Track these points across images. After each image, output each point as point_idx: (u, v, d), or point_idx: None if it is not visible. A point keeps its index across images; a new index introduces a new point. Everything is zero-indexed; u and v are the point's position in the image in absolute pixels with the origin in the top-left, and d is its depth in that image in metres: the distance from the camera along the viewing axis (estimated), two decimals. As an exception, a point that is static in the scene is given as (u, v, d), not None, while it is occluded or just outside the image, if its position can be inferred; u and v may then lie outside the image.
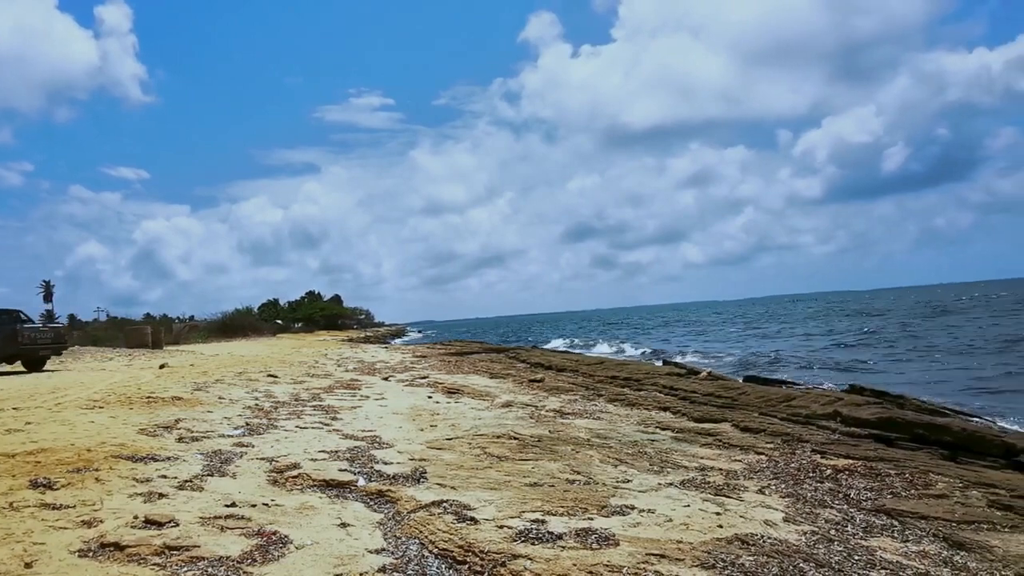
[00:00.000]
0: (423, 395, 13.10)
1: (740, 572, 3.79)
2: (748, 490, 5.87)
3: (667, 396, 12.35)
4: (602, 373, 16.71)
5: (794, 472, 6.54)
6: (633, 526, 4.67)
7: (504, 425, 9.01)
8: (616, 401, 12.22)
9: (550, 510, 4.98)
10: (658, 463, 6.93)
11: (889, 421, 8.41)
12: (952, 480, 6.16)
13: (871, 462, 6.89)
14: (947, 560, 4.26)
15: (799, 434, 8.34)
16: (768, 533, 4.57)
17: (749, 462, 7.05)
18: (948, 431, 7.90)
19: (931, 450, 7.54)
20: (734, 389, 12.04)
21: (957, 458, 7.26)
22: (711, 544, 4.29)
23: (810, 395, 10.70)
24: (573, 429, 8.95)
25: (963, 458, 7.25)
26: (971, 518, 5.09)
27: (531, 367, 20.92)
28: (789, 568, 3.87)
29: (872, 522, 5.04)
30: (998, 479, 6.17)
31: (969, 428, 8.05)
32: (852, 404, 9.48)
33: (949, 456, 7.32)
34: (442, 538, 4.33)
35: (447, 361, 24.98)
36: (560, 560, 3.93)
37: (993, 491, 5.77)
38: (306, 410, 10.37)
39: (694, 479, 6.20)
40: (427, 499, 5.26)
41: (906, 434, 8.08)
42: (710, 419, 9.73)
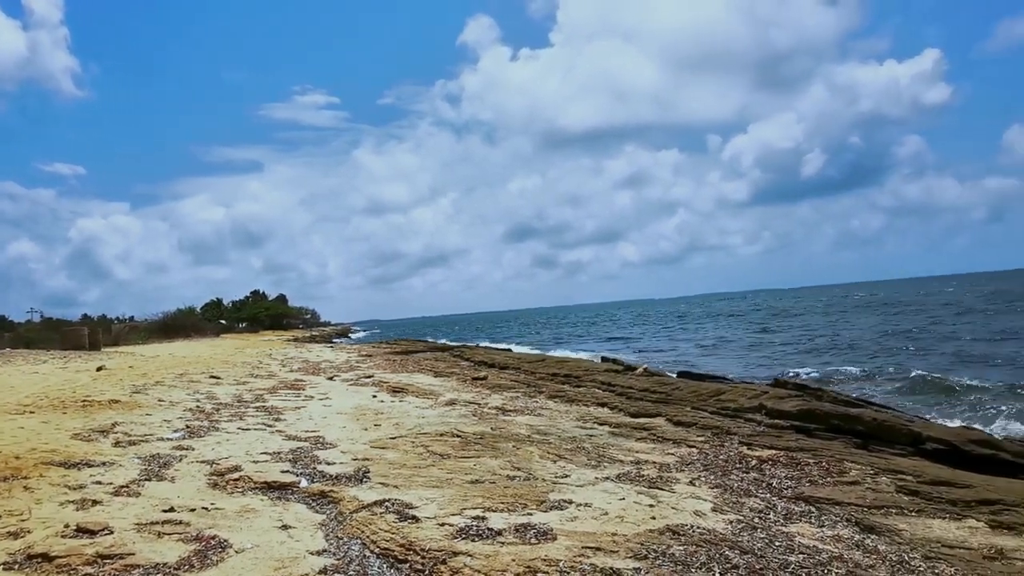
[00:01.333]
0: (368, 394, 12.94)
1: (670, 562, 3.87)
2: (680, 482, 5.99)
3: (605, 392, 12.50)
4: (543, 370, 16.82)
5: (722, 464, 6.71)
6: (571, 520, 4.72)
7: (447, 423, 8.98)
8: (556, 398, 12.32)
9: (491, 506, 4.99)
10: (596, 458, 7.01)
11: (808, 413, 8.71)
12: (864, 467, 6.42)
13: (792, 452, 7.13)
14: (859, 544, 4.43)
15: (727, 427, 8.57)
16: (697, 523, 4.68)
17: (681, 455, 7.20)
18: (861, 421, 8.24)
19: (846, 439, 7.85)
20: (668, 384, 12.28)
21: (869, 446, 7.58)
22: (644, 535, 4.37)
23: (738, 389, 11.00)
24: (514, 426, 8.98)
25: (874, 446, 7.57)
26: (881, 503, 5.32)
27: (475, 365, 20.90)
28: (716, 556, 3.98)
29: (792, 509, 5.21)
30: (906, 466, 6.46)
31: (880, 418, 8.40)
32: (776, 397, 9.77)
33: (862, 445, 7.63)
34: (384, 537, 4.29)
35: (392, 360, 24.74)
36: (499, 556, 3.94)
37: (901, 477, 6.04)
38: (249, 411, 10.12)
39: (629, 473, 6.29)
40: (369, 499, 5.20)
41: (824, 425, 8.38)
42: (645, 414, 9.90)
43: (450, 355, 26.08)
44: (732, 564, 3.85)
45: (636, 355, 31.00)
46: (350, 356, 28.22)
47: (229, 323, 76.85)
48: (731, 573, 3.73)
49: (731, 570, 3.77)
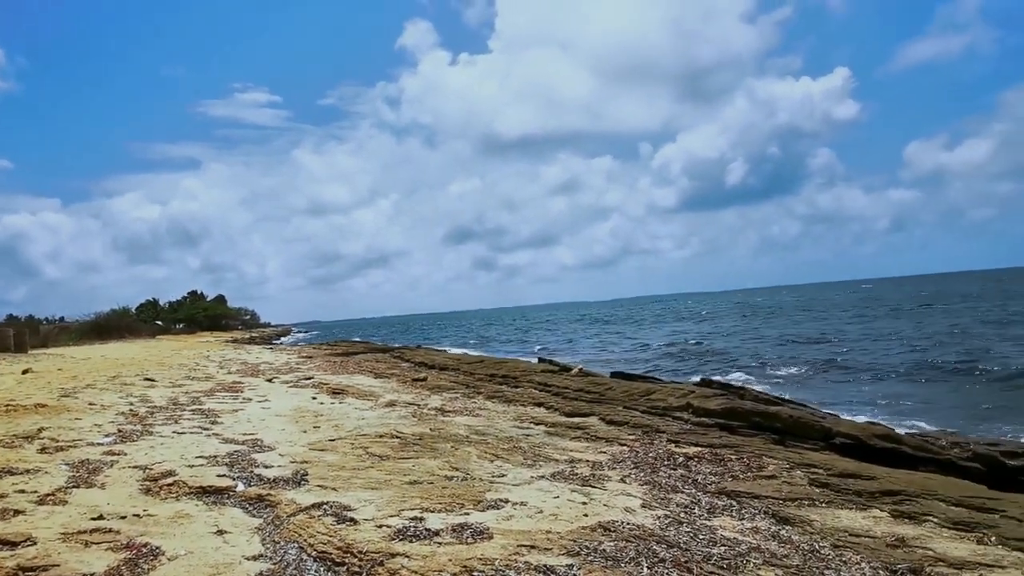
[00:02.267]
0: (307, 396, 12.67)
1: (602, 558, 3.93)
2: (611, 479, 6.09)
3: (542, 392, 12.59)
4: (482, 371, 16.82)
5: (652, 461, 6.85)
6: (507, 519, 4.73)
7: (387, 424, 8.89)
8: (494, 398, 12.34)
9: (429, 507, 4.96)
10: (532, 457, 7.06)
11: (732, 411, 8.99)
12: (781, 462, 6.67)
13: (716, 449, 7.34)
14: (775, 535, 4.60)
15: (657, 425, 8.76)
16: (627, 519, 4.76)
17: (613, 453, 7.32)
18: (779, 418, 8.55)
19: (765, 436, 8.13)
20: (602, 385, 12.46)
21: (786, 442, 7.87)
22: (577, 532, 4.43)
23: (667, 389, 11.26)
24: (453, 426, 8.95)
25: (791, 442, 7.88)
26: (795, 496, 5.53)
27: (415, 366, 20.73)
28: (644, 550, 4.06)
29: (715, 503, 5.37)
30: (818, 460, 6.74)
31: (796, 415, 8.74)
32: (702, 396, 10.04)
33: (779, 441, 7.92)
34: (321, 540, 4.22)
35: (332, 361, 24.30)
36: (436, 556, 3.92)
37: (814, 471, 6.30)
38: (185, 414, 9.77)
39: (564, 471, 6.35)
40: (307, 501, 5.10)
41: (745, 422, 8.66)
42: (580, 413, 10.02)
43: (391, 356, 25.80)
44: (659, 558, 3.94)
45: (572, 355, 31.35)
46: (290, 357, 27.58)
47: (166, 324, 73.91)
48: (658, 567, 3.81)
49: (658, 563, 3.85)
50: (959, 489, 5.85)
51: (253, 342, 54.74)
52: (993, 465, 7.76)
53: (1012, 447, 8.39)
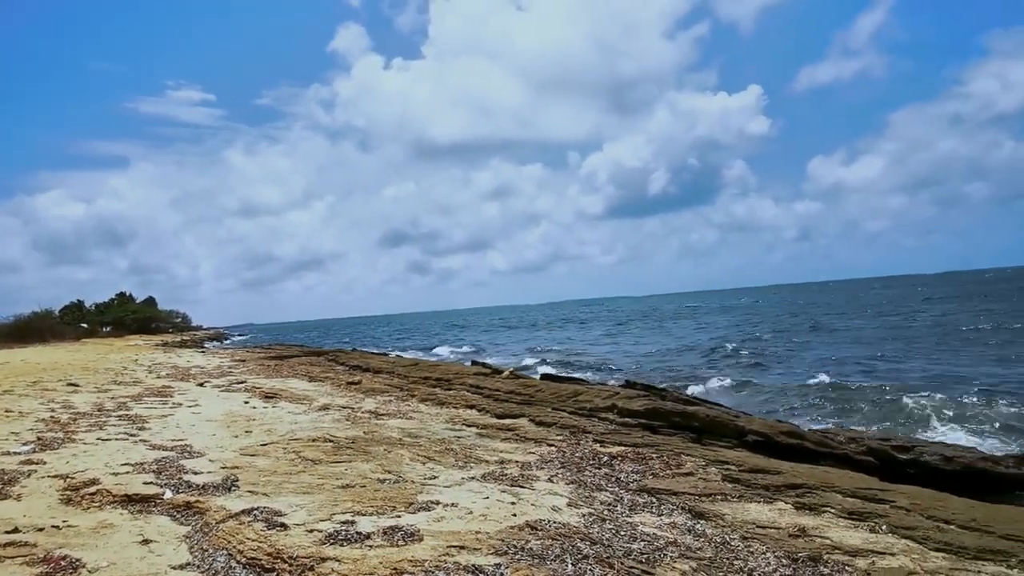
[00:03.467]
0: (239, 400, 12.26)
1: (528, 556, 3.97)
2: (539, 479, 6.14)
3: (474, 394, 12.57)
4: (416, 374, 16.66)
5: (578, 461, 6.94)
6: (437, 520, 4.71)
7: (320, 428, 8.70)
8: (428, 401, 12.24)
9: (360, 510, 4.89)
10: (463, 458, 7.04)
11: (654, 411, 9.20)
12: (697, 460, 6.87)
13: (639, 448, 7.50)
14: (690, 529, 4.75)
15: (584, 426, 8.87)
16: (554, 518, 4.82)
17: (542, 453, 7.38)
18: (697, 418, 8.81)
19: (684, 435, 8.37)
20: (532, 387, 12.54)
21: (703, 440, 8.12)
22: (505, 532, 4.45)
23: (594, 390, 11.43)
24: (386, 429, 8.83)
25: (707, 440, 8.12)
26: (710, 491, 5.71)
27: (350, 370, 20.34)
28: (569, 548, 4.12)
29: (636, 500, 5.49)
30: (731, 457, 6.98)
31: (712, 415, 9.03)
32: (626, 397, 10.23)
33: (697, 439, 8.16)
34: (251, 547, 4.09)
35: (266, 365, 23.56)
36: (367, 559, 3.87)
37: (727, 467, 6.51)
38: (110, 420, 9.29)
39: (494, 472, 6.37)
40: (237, 507, 4.94)
41: (666, 422, 8.88)
42: (510, 415, 10.05)
43: (325, 359, 25.19)
44: (583, 555, 4.00)
45: (504, 358, 31.47)
46: (222, 361, 26.58)
47: (92, 327, 69.91)
48: (582, 563, 3.88)
49: (582, 560, 3.92)
50: (854, 481, 6.15)
51: (184, 345, 52.40)
52: (885, 459, 8.22)
53: (902, 442, 8.90)
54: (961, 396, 15.83)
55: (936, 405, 14.58)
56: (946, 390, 16.87)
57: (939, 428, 12.73)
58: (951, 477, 7.98)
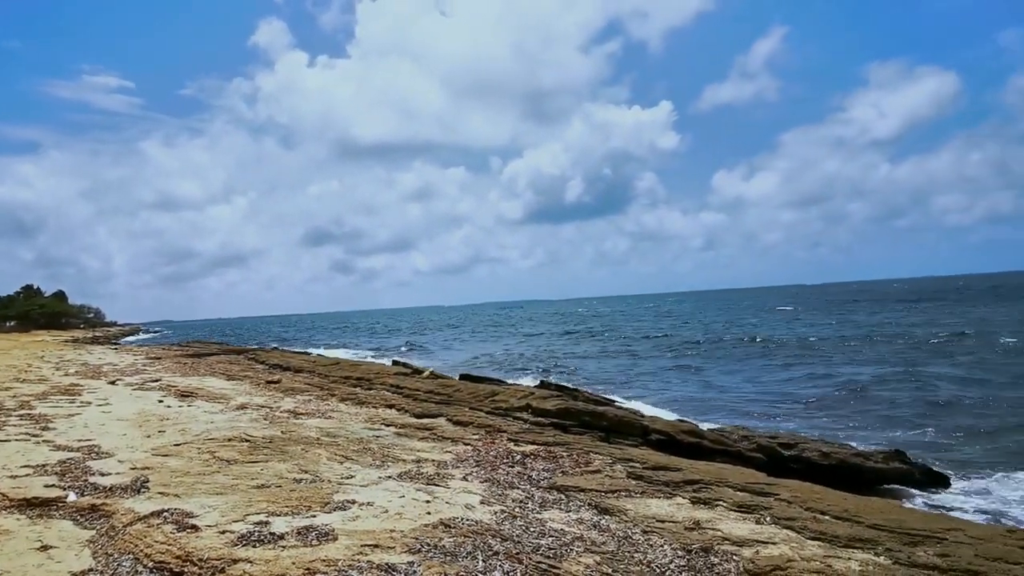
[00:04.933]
0: (153, 399, 11.60)
1: (441, 553, 3.95)
2: (455, 478, 6.12)
3: (394, 394, 12.41)
4: (337, 373, 16.28)
5: (492, 459, 6.95)
6: (353, 520, 4.62)
7: (237, 428, 8.36)
8: (348, 400, 11.98)
9: (275, 511, 4.74)
10: (381, 458, 6.94)
11: (565, 411, 9.35)
12: (605, 458, 7.02)
13: (551, 446, 7.59)
14: (596, 524, 4.85)
15: (499, 425, 8.91)
16: (467, 515, 4.81)
17: (458, 452, 7.36)
18: (606, 417, 9.02)
19: (593, 433, 8.54)
20: (451, 387, 12.49)
21: (611, 439, 8.31)
22: (419, 530, 4.41)
23: (510, 391, 11.49)
24: (305, 429, 8.58)
25: (615, 439, 8.33)
26: (615, 488, 5.85)
27: (270, 368, 19.64)
28: (480, 545, 4.13)
29: (547, 497, 5.55)
30: (636, 455, 7.18)
31: (619, 415, 9.27)
32: (540, 397, 10.35)
33: (605, 438, 8.35)
34: (159, 550, 3.89)
35: (183, 363, 22.39)
36: (280, 560, 3.75)
37: (632, 465, 6.69)
38: (11, 420, 8.59)
39: (411, 471, 6.30)
40: (146, 510, 4.67)
41: (577, 421, 9.05)
42: (429, 415, 9.98)
43: (245, 358, 24.23)
44: (494, 551, 4.02)
45: (424, 358, 31.20)
46: (136, 359, 25.08)
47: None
48: (492, 559, 3.89)
49: (492, 556, 3.94)
50: (745, 477, 6.45)
51: (96, 342, 49.15)
52: (772, 455, 8.69)
53: (787, 439, 9.42)
54: (835, 394, 16.97)
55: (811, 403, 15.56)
56: (821, 390, 18.06)
57: (814, 424, 13.55)
58: (828, 471, 8.52)
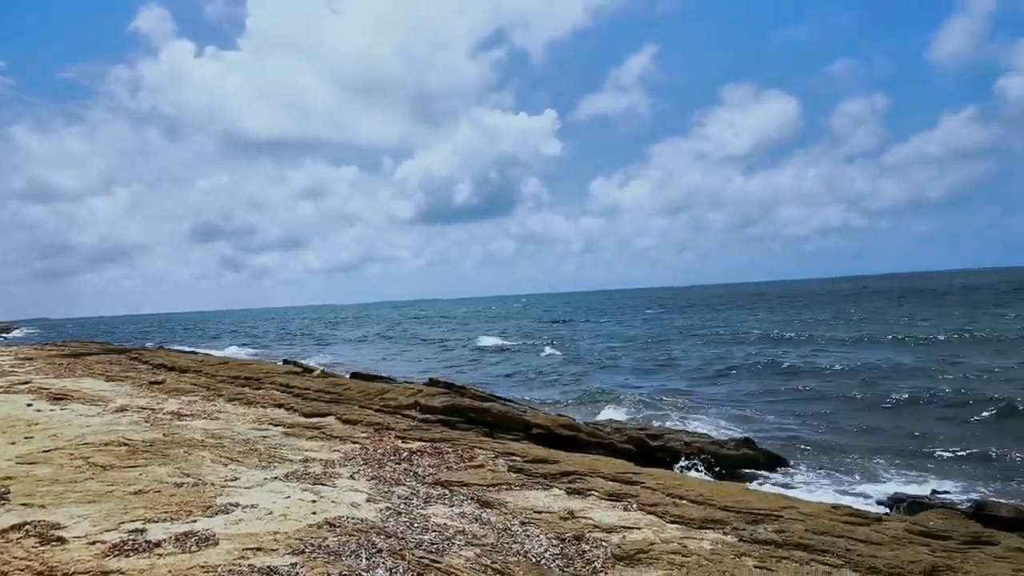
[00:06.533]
0: (21, 403, 10.36)
1: (324, 553, 3.84)
2: (342, 477, 5.96)
3: (283, 394, 11.86)
4: (225, 373, 15.31)
5: (379, 457, 6.83)
6: (235, 523, 4.40)
7: (115, 431, 7.68)
8: (235, 400, 11.31)
9: (152, 517, 4.41)
10: (267, 459, 6.63)
11: (452, 408, 9.36)
12: (488, 452, 7.09)
13: (437, 443, 7.57)
14: (477, 518, 4.89)
15: (388, 423, 8.76)
16: (352, 514, 4.71)
17: (346, 451, 7.17)
18: (490, 413, 9.12)
19: (479, 429, 8.61)
20: (341, 385, 12.12)
21: (495, 434, 8.42)
22: (304, 531, 4.27)
23: (399, 388, 11.33)
24: (189, 431, 8.03)
25: (499, 434, 8.44)
26: (497, 481, 5.92)
27: (153, 368, 18.10)
28: (364, 543, 4.05)
29: (431, 493, 5.53)
30: (518, 449, 7.32)
31: (503, 410, 9.41)
32: (428, 395, 10.28)
33: (489, 433, 8.45)
34: (18, 567, 3.50)
35: (58, 363, 20.11)
36: (155, 569, 3.51)
37: (513, 458, 6.80)
38: None
39: (297, 471, 6.07)
40: (6, 523, 4.20)
41: (463, 417, 9.08)
42: (318, 414, 9.63)
43: (127, 358, 22.15)
44: (377, 548, 3.96)
45: (317, 357, 30.11)
46: (4, 359, 22.33)
47: None
48: (376, 557, 3.83)
49: (376, 554, 3.88)
50: (616, 467, 6.75)
51: (-50, 338, 43.25)
52: (641, 446, 9.16)
53: (655, 431, 9.97)
54: (695, 389, 18.17)
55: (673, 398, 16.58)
56: (684, 384, 19.28)
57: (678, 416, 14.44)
58: (690, 459, 9.10)
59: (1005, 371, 17.85)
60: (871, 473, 9.89)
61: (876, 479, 9.57)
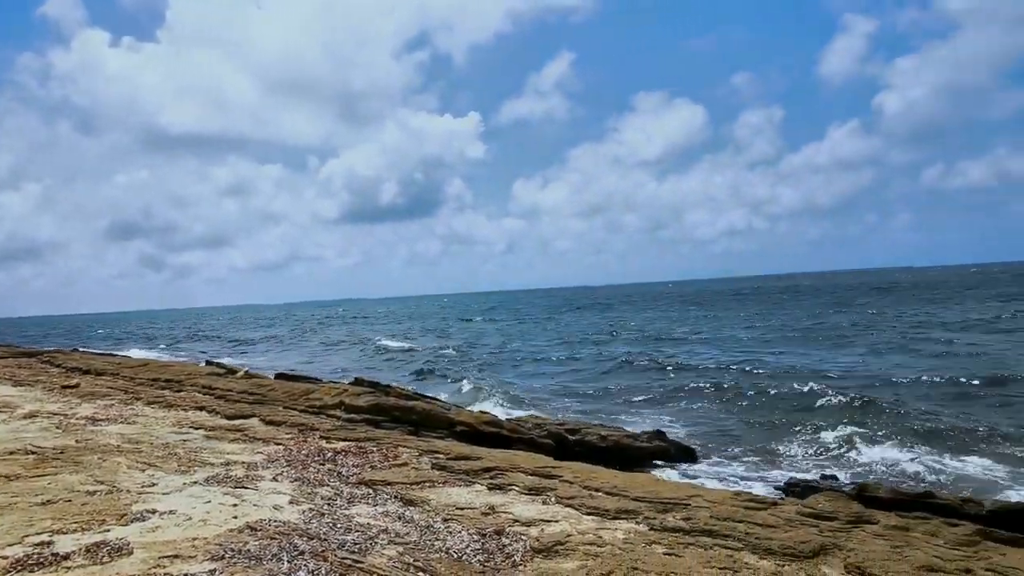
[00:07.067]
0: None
1: (245, 558, 3.78)
2: (264, 479, 5.83)
3: (205, 396, 11.38)
4: (144, 375, 14.49)
5: (303, 458, 6.70)
6: (152, 531, 4.25)
7: (22, 439, 7.17)
8: (155, 403, 10.76)
9: (61, 528, 4.19)
10: (187, 463, 6.39)
11: (377, 407, 9.28)
12: (412, 451, 7.09)
13: (361, 442, 7.49)
14: (400, 516, 4.90)
15: (313, 423, 8.59)
16: (275, 516, 4.64)
17: (269, 453, 6.99)
18: (415, 412, 9.11)
19: (404, 428, 8.58)
20: (265, 386, 11.77)
21: (419, 432, 8.42)
22: (224, 535, 4.18)
23: (325, 388, 11.11)
24: (104, 436, 7.61)
25: (423, 432, 8.44)
26: (420, 479, 5.94)
27: (67, 372, 16.86)
28: (286, 545, 4.01)
29: (355, 493, 5.49)
30: (441, 446, 7.36)
31: (428, 408, 9.42)
32: (354, 394, 10.13)
33: (414, 431, 8.43)
34: (-91, 588, 3.27)
35: (-47, 368, 18.41)
36: (64, 583, 3.36)
37: (436, 456, 6.84)
38: None
39: (218, 475, 5.89)
40: None
41: (388, 416, 9.02)
42: (241, 415, 9.33)
43: (38, 361, 20.49)
44: (300, 551, 3.93)
45: (241, 358, 28.98)
46: None
47: None
48: (298, 559, 3.80)
49: (298, 556, 3.85)
50: (536, 461, 6.89)
51: None
52: (560, 440, 9.40)
53: (573, 426, 10.25)
54: (580, 385, 18.70)
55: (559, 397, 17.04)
56: (571, 380, 19.82)
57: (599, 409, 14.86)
58: (606, 452, 9.42)
59: (850, 365, 19.53)
60: (771, 461, 10.56)
61: (775, 466, 10.22)
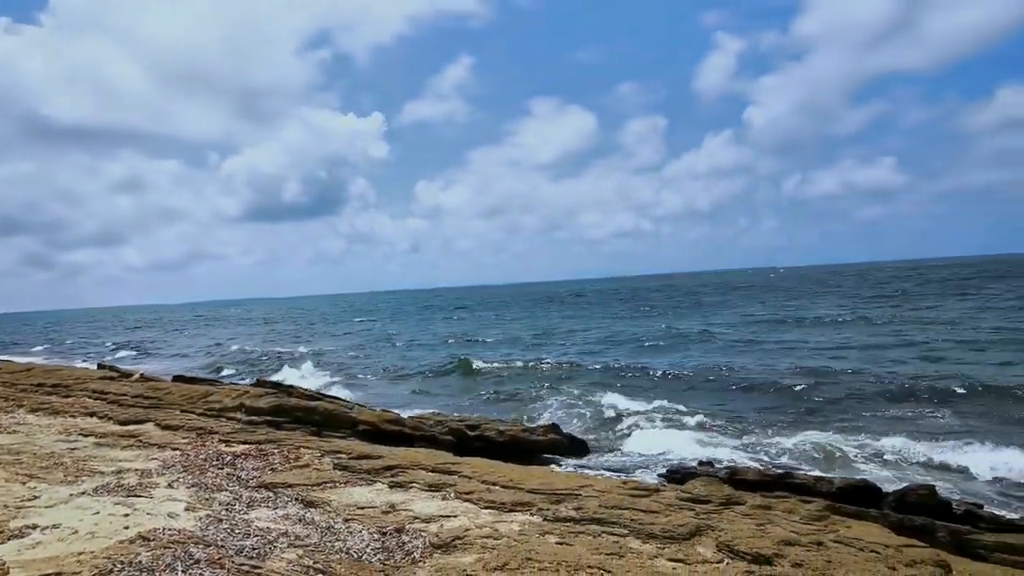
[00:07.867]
0: None
1: (136, 570, 3.63)
2: (159, 486, 5.55)
3: (96, 401, 10.51)
4: (27, 381, 13.09)
5: (201, 463, 6.41)
6: (32, 547, 3.97)
7: None
8: (40, 410, 9.80)
9: (-84, 555, 3.82)
10: (75, 472, 5.95)
11: (278, 408, 8.97)
12: (314, 451, 6.91)
13: (262, 445, 7.24)
14: (301, 518, 4.82)
15: (211, 427, 8.20)
16: (169, 525, 4.46)
17: (164, 459, 6.64)
18: (317, 412, 8.90)
19: (306, 428, 8.37)
20: (161, 389, 11.04)
21: (322, 433, 8.24)
22: (114, 548, 3.97)
23: (225, 390, 10.60)
24: (-25, 448, 6.90)
25: (326, 432, 8.28)
26: (322, 480, 5.83)
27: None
28: (181, 554, 3.86)
29: (255, 497, 5.33)
30: (343, 446, 7.25)
31: (330, 408, 9.23)
32: (255, 396, 9.74)
33: (317, 432, 8.25)
34: None
35: None
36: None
37: (339, 456, 6.72)
38: None
39: (109, 484, 5.54)
40: None
41: (290, 417, 8.75)
42: (135, 420, 8.72)
43: None
44: (195, 559, 3.81)
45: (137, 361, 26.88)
46: None
47: None
48: (193, 568, 3.69)
49: (193, 565, 3.73)
50: (436, 458, 6.88)
51: None
52: (460, 437, 9.54)
53: (473, 422, 10.40)
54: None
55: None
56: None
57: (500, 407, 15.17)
58: (505, 447, 9.64)
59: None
60: (657, 449, 11.21)
61: (663, 454, 10.86)
